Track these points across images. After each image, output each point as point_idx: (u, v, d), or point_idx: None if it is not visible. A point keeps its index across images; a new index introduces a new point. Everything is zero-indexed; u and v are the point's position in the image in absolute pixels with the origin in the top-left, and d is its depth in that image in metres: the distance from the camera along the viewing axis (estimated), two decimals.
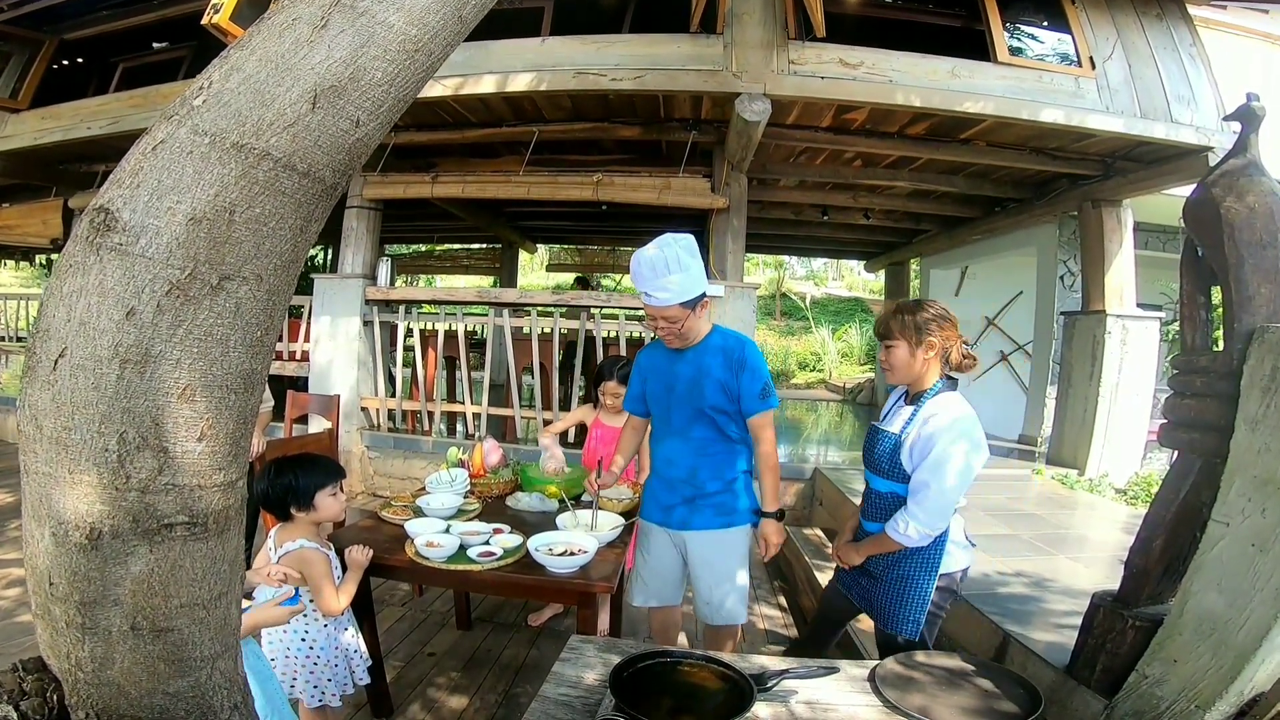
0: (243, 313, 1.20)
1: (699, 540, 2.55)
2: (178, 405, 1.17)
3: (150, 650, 1.25)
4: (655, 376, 2.64)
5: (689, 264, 2.34)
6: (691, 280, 2.36)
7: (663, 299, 2.35)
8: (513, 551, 2.38)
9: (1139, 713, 1.93)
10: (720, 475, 2.54)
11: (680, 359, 2.54)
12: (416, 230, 11.63)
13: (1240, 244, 1.83)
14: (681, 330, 2.43)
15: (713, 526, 2.54)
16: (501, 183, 6.17)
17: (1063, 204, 6.72)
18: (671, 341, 2.51)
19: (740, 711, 1.48)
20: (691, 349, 2.53)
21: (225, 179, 1.12)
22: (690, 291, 2.36)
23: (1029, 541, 4.03)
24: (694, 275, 2.37)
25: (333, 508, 2.26)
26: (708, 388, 2.46)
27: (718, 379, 2.46)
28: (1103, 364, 6.11)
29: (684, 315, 2.39)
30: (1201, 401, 1.90)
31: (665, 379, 2.59)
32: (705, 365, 2.48)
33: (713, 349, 2.51)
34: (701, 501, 2.54)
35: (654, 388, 2.64)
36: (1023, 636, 2.68)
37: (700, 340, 2.53)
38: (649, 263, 2.33)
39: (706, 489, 2.53)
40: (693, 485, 2.55)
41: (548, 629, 3.57)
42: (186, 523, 1.23)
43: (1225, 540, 1.72)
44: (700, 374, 2.48)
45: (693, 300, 2.38)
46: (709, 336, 2.54)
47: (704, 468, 2.54)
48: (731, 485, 2.56)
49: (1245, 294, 1.81)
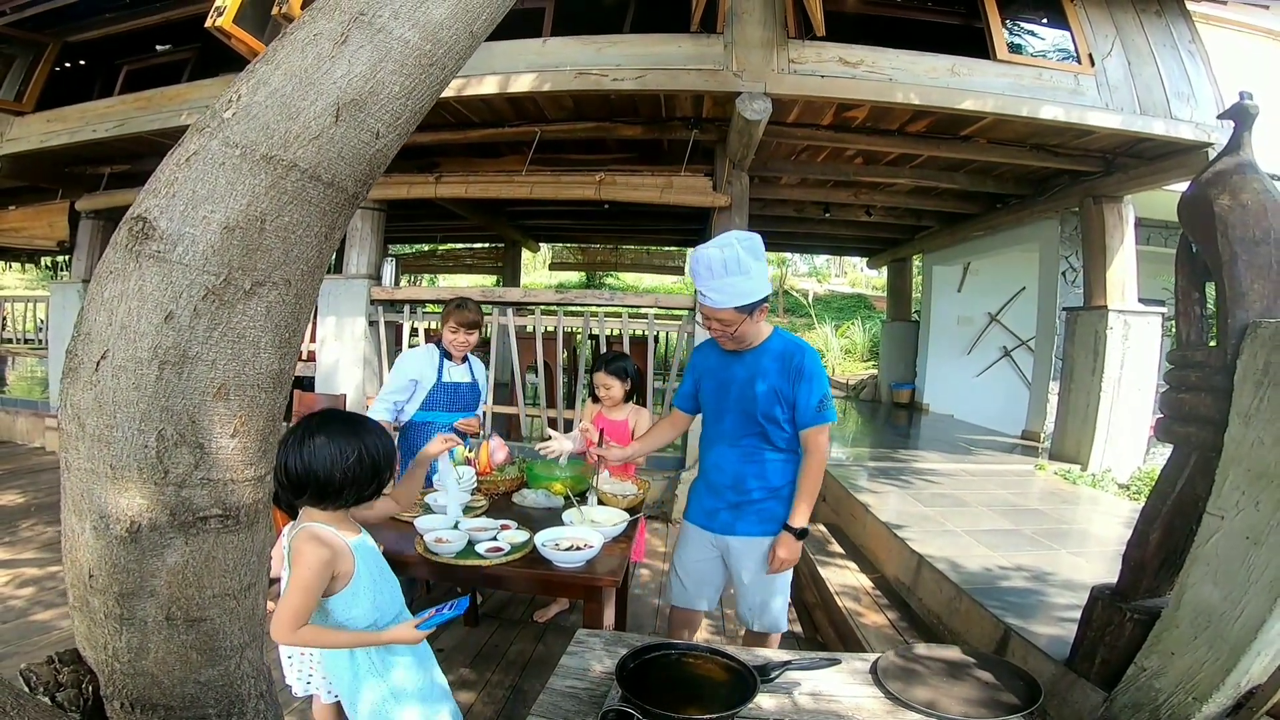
0: (273, 316, 1.26)
1: (741, 546, 2.50)
2: (213, 404, 1.22)
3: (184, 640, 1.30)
4: (709, 376, 2.55)
5: (750, 266, 2.19)
6: (752, 284, 2.22)
7: (718, 301, 2.22)
8: (520, 547, 2.41)
9: (1138, 705, 1.94)
10: (767, 484, 2.47)
11: (737, 361, 2.44)
12: (420, 230, 11.66)
13: (1233, 240, 1.85)
14: (735, 334, 2.32)
15: (755, 534, 2.48)
16: (504, 183, 6.21)
17: (1064, 200, 6.73)
18: (725, 343, 2.42)
19: (744, 702, 1.52)
20: (749, 351, 2.42)
21: (256, 189, 1.18)
22: (749, 296, 2.22)
23: (1031, 536, 4.07)
24: (755, 278, 2.22)
25: None
26: (762, 394, 2.37)
27: (773, 386, 2.36)
28: (1105, 359, 6.12)
29: (739, 320, 2.26)
30: (1196, 396, 1.93)
31: (719, 380, 2.50)
32: (762, 369, 2.38)
33: (771, 353, 2.40)
34: (747, 508, 2.48)
35: (707, 388, 2.56)
36: (1024, 630, 2.72)
37: (760, 343, 2.42)
38: (707, 262, 2.20)
39: (752, 496, 2.47)
40: (738, 492, 2.48)
41: (554, 624, 3.62)
42: (220, 515, 1.28)
43: (1220, 533, 1.75)
44: (755, 378, 2.38)
45: (751, 305, 2.25)
46: (769, 340, 2.43)
47: (751, 476, 2.46)
48: (778, 493, 2.47)
49: (1238, 290, 1.83)
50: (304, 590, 1.59)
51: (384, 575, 1.84)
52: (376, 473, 1.73)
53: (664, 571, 4.48)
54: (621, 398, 3.43)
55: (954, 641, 2.93)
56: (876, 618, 3.51)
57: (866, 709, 1.63)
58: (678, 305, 6.41)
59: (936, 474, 5.94)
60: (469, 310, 3.44)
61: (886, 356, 11.97)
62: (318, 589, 1.63)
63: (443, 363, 3.44)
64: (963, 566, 3.45)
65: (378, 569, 1.82)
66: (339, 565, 1.67)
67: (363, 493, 1.74)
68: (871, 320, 18.18)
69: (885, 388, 11.52)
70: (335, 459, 1.64)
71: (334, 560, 1.65)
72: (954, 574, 3.33)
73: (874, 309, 19.69)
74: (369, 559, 1.79)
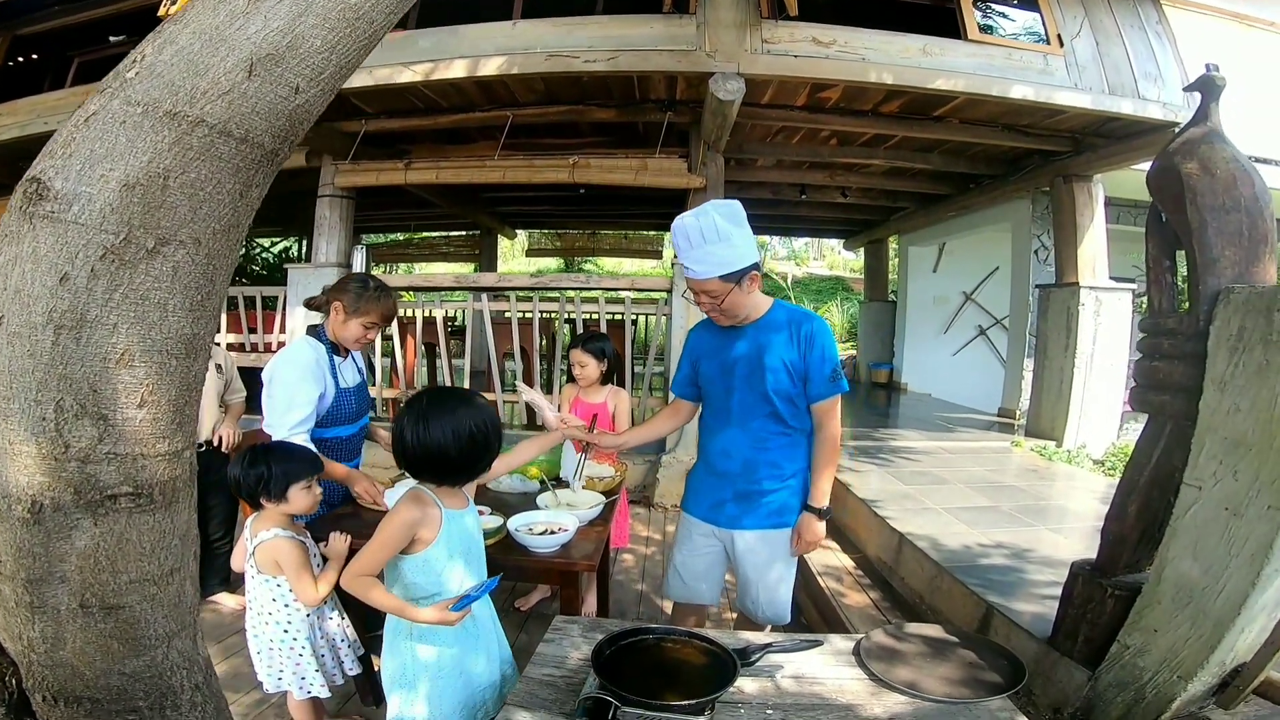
0: (181, 276, 1.19)
1: (748, 540, 2.39)
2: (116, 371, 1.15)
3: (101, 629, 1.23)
4: (709, 357, 2.41)
5: (730, 233, 2.10)
6: (734, 251, 2.11)
7: (700, 271, 2.12)
8: (494, 533, 2.31)
9: (1122, 684, 1.93)
10: (779, 472, 2.35)
11: (739, 337, 2.30)
12: (393, 219, 11.53)
13: (1203, 208, 1.86)
14: (723, 306, 2.19)
15: (765, 527, 2.37)
16: (477, 167, 6.10)
17: (1035, 180, 6.80)
18: (718, 319, 2.28)
19: (725, 686, 1.49)
20: (751, 326, 2.29)
21: (159, 146, 1.12)
22: (732, 264, 2.11)
23: (1009, 513, 4.10)
24: (737, 245, 2.11)
25: (304, 501, 2.16)
26: (770, 368, 2.25)
27: (782, 358, 2.24)
28: (1077, 335, 6.21)
29: (726, 290, 2.14)
30: (1170, 364, 1.93)
31: (721, 359, 2.36)
32: (768, 343, 2.25)
33: (776, 325, 2.27)
34: (755, 500, 2.36)
35: (708, 369, 2.42)
36: (1005, 608, 2.72)
37: (761, 315, 2.30)
38: (684, 232, 2.12)
39: (762, 486, 2.35)
40: (748, 481, 2.36)
41: (536, 613, 3.57)
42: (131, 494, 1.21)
43: (1198, 504, 1.74)
44: (762, 353, 2.26)
45: (736, 273, 2.12)
46: (770, 312, 2.31)
47: (762, 463, 2.34)
48: (789, 483, 2.36)
49: (1209, 256, 1.84)
50: (382, 543, 1.70)
51: (469, 557, 1.83)
52: (488, 449, 1.77)
53: (647, 557, 4.46)
54: (598, 378, 3.31)
55: (937, 620, 2.94)
56: (859, 598, 3.52)
57: (849, 690, 1.61)
58: (655, 287, 6.37)
59: (915, 452, 5.99)
60: (392, 300, 2.71)
61: (864, 337, 12.01)
62: (395, 545, 1.71)
63: (333, 363, 2.66)
64: (943, 544, 3.47)
65: (464, 548, 1.82)
66: (423, 530, 1.72)
67: (476, 468, 1.81)
68: (850, 301, 18.27)
69: (864, 368, 11.59)
70: (449, 438, 1.68)
71: (420, 523, 1.71)
72: (935, 552, 3.35)
73: (852, 291, 19.78)
74: (458, 535, 1.79)
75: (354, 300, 2.60)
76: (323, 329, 2.68)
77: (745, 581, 2.45)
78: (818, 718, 1.49)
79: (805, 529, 2.34)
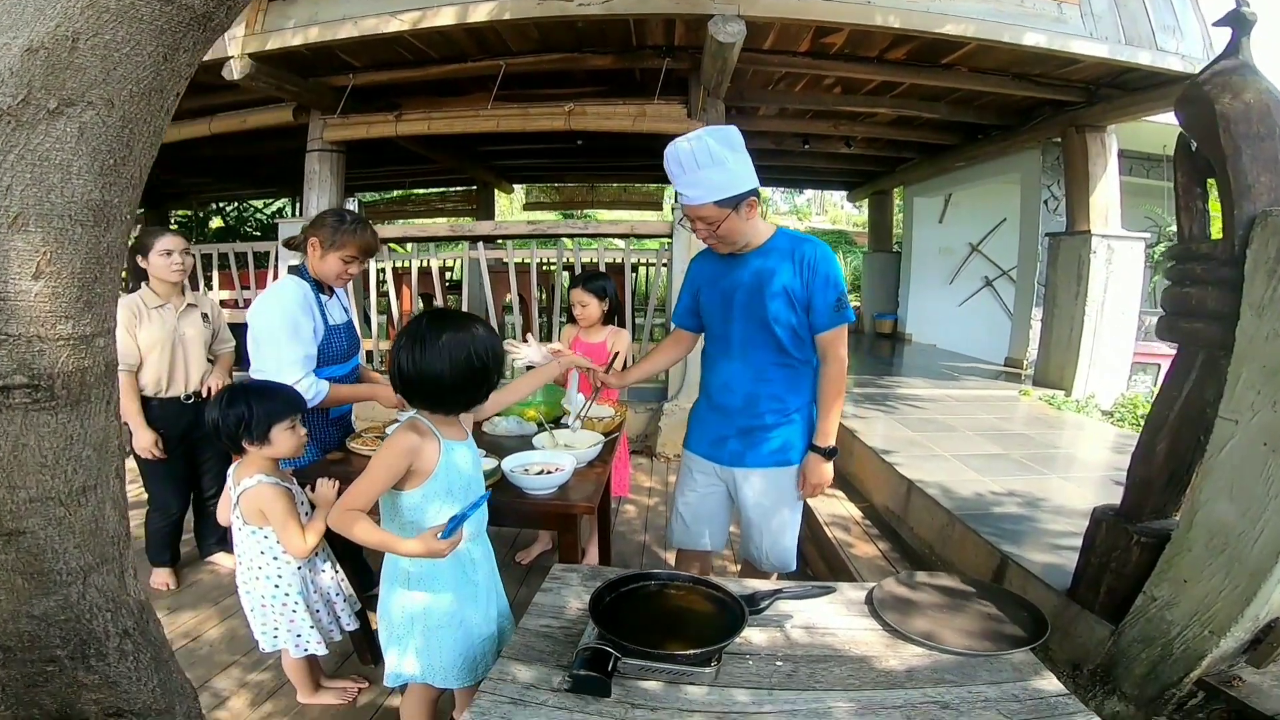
0: (88, 139, 1.08)
1: (752, 479, 2.33)
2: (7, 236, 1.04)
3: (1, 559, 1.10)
4: (709, 286, 2.34)
5: (725, 157, 2.02)
6: (729, 176, 2.04)
7: (694, 197, 2.06)
8: (488, 475, 2.17)
9: (1148, 639, 1.84)
10: (782, 406, 2.27)
11: (739, 265, 2.23)
12: (387, 176, 11.30)
13: (1237, 136, 1.76)
14: (719, 232, 2.11)
15: (769, 465, 2.31)
16: (470, 117, 5.93)
17: (1046, 130, 6.66)
18: (717, 247, 2.21)
19: (732, 635, 1.42)
20: (752, 253, 2.21)
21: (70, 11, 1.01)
22: (727, 189, 2.04)
23: (1020, 461, 4.03)
24: (732, 170, 2.04)
25: (289, 443, 2.05)
26: (771, 297, 2.17)
27: (784, 286, 2.16)
28: (1088, 284, 6.12)
29: (721, 216, 2.06)
30: (1202, 289, 1.83)
31: (721, 289, 2.28)
32: (769, 271, 2.18)
33: (778, 252, 2.19)
34: (759, 435, 2.29)
35: (708, 298, 2.35)
36: (1021, 558, 2.64)
37: (762, 243, 2.21)
38: (676, 157, 2.04)
39: (765, 420, 2.28)
40: (750, 415, 2.29)
41: (537, 566, 3.51)
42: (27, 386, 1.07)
43: (1235, 439, 1.64)
44: (763, 280, 2.18)
45: (732, 199, 2.05)
46: (773, 239, 2.22)
47: (764, 396, 2.27)
48: (792, 417, 2.29)
49: (1244, 183, 1.75)
50: (375, 474, 1.59)
51: (470, 493, 1.74)
52: (486, 378, 1.67)
53: (649, 507, 4.41)
54: (599, 318, 3.25)
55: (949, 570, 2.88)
56: (867, 548, 3.47)
57: (863, 642, 1.54)
58: (655, 232, 6.22)
59: (922, 400, 5.94)
60: (371, 232, 2.59)
61: (868, 287, 11.91)
62: (389, 475, 1.61)
63: (320, 301, 2.58)
64: (954, 492, 3.39)
65: (464, 483, 1.72)
66: (419, 459, 1.62)
67: (473, 397, 1.69)
68: (852, 254, 18.15)
69: (868, 319, 11.49)
70: (445, 362, 1.58)
71: (418, 450, 1.62)
72: (946, 500, 3.27)
73: (855, 244, 19.60)
74: (457, 468, 1.69)
75: (331, 234, 2.49)
76: (304, 267, 2.57)
77: (749, 525, 2.39)
78: (831, 670, 1.43)
79: (811, 470, 2.28)
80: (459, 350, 1.59)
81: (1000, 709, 1.29)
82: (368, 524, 1.58)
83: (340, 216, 2.55)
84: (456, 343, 1.59)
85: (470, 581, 1.78)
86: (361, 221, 2.56)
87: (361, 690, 2.47)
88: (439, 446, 1.65)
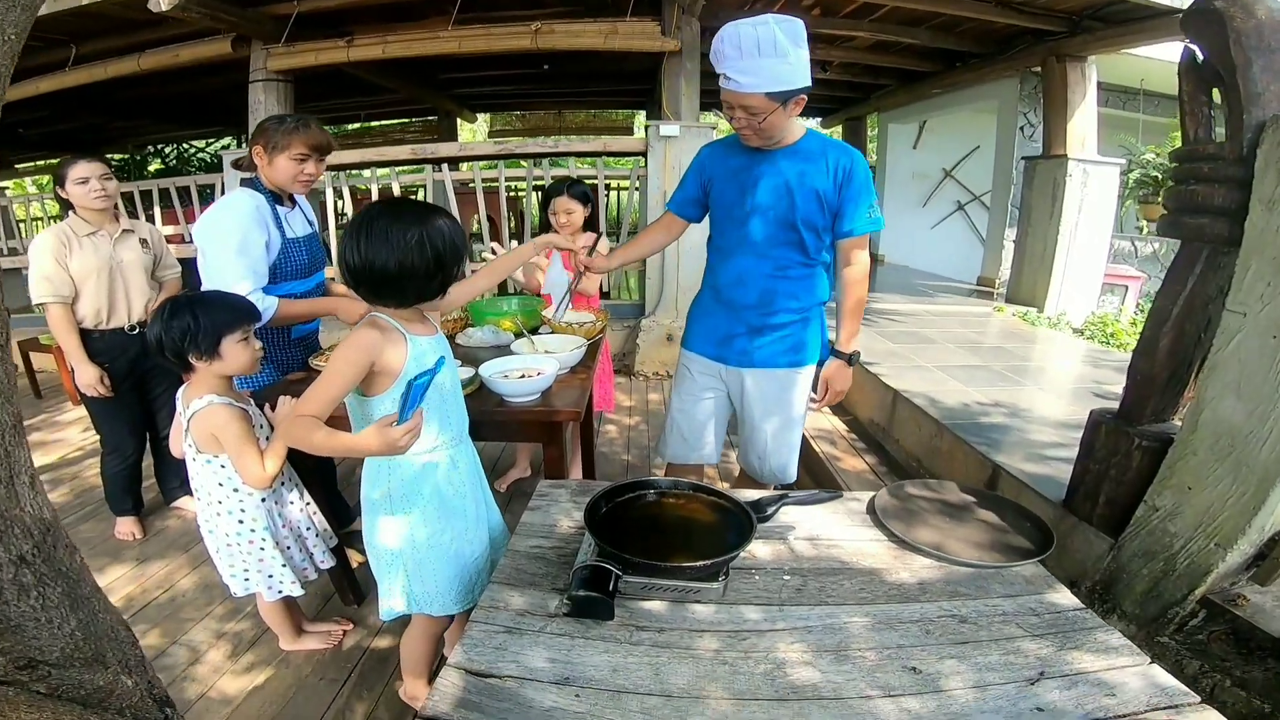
0: None
1: (760, 380, 2.23)
2: None
3: None
4: (727, 179, 2.17)
5: (788, 50, 1.84)
6: (790, 69, 1.86)
7: (746, 84, 1.87)
8: (465, 384, 2.02)
9: (1150, 553, 1.79)
10: (797, 304, 2.18)
11: (765, 160, 2.08)
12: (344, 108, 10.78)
13: (1248, 48, 1.74)
14: (761, 125, 1.95)
15: (779, 365, 2.21)
16: (429, 39, 5.59)
17: (1026, 59, 6.61)
18: (749, 138, 2.04)
19: (741, 544, 1.35)
20: (780, 150, 2.07)
21: None
22: (785, 82, 1.87)
23: (1001, 372, 4.06)
24: (793, 64, 1.86)
25: (242, 357, 1.83)
26: (802, 197, 2.05)
27: (815, 188, 2.04)
28: (1063, 205, 6.20)
29: (769, 108, 1.90)
30: (1209, 186, 1.80)
31: (741, 182, 2.13)
32: (800, 170, 2.05)
33: (810, 153, 2.06)
34: (770, 334, 2.20)
35: (725, 191, 2.18)
36: (1013, 468, 2.63)
37: (794, 141, 2.07)
38: (736, 40, 1.85)
39: (779, 319, 2.18)
40: (764, 313, 2.18)
41: (517, 491, 3.44)
42: None
43: (1243, 332, 1.61)
44: (793, 180, 2.05)
45: (785, 93, 1.89)
46: (804, 139, 2.08)
47: (781, 293, 2.16)
48: (806, 315, 2.21)
49: (1254, 91, 1.73)
50: (333, 374, 1.43)
51: (446, 398, 1.62)
52: (440, 265, 1.49)
53: (631, 427, 4.37)
54: (581, 225, 3.09)
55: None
56: (855, 462, 3.46)
57: (870, 553, 1.50)
58: (629, 150, 6.00)
59: (899, 314, 6.07)
60: (317, 129, 2.34)
61: None
62: (350, 375, 1.45)
63: (277, 212, 2.34)
64: (941, 402, 3.40)
65: (437, 387, 1.55)
66: (383, 358, 1.47)
67: (425, 287, 1.51)
68: None
69: None
70: (392, 248, 1.43)
71: (379, 346, 1.47)
72: (933, 410, 3.26)
73: None
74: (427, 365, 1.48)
75: (272, 136, 2.27)
76: (257, 179, 2.35)
77: (753, 430, 2.31)
78: (841, 584, 1.38)
79: (836, 376, 2.20)
80: (410, 236, 1.44)
81: (1020, 623, 1.24)
82: (325, 431, 1.40)
83: (280, 119, 2.31)
84: (407, 229, 1.44)
85: (455, 494, 1.68)
86: (305, 120, 2.31)
87: (346, 632, 2.38)
88: (406, 343, 1.51)
